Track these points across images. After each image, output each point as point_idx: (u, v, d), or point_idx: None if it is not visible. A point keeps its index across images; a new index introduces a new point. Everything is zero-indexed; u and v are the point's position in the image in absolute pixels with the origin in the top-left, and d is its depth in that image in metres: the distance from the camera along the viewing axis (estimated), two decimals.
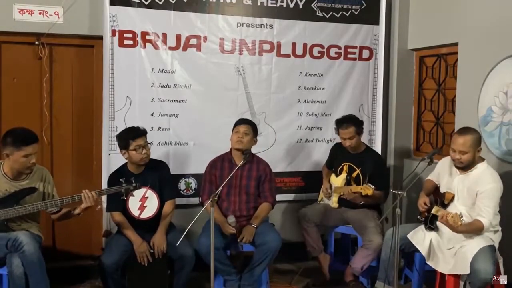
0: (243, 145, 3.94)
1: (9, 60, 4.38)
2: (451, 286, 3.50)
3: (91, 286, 4.25)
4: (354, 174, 4.32)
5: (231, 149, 4.08)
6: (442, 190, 3.73)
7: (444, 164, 3.72)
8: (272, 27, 4.71)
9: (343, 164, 4.39)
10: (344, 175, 4.35)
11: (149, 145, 3.85)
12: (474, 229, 3.38)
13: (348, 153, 4.37)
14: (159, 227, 3.82)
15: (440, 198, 3.67)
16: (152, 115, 4.50)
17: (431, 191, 3.86)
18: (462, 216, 3.28)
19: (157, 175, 3.90)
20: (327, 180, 4.50)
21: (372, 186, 4.04)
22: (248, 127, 4.00)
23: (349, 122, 4.26)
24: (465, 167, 3.53)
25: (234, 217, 3.86)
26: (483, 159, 3.55)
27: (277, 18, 4.71)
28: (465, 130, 3.55)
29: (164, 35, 4.44)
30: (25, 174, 3.50)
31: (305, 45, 4.81)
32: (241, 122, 4.06)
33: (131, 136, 3.77)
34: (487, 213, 3.36)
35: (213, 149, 4.26)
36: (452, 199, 3.58)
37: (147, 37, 4.41)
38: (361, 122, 4.36)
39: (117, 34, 4.32)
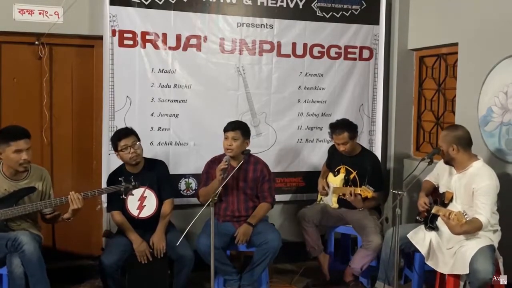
0: (233, 153, 3.92)
1: (9, 60, 4.39)
2: (451, 286, 3.49)
3: (91, 286, 4.25)
4: (351, 176, 4.32)
5: None
6: (441, 190, 3.74)
7: (443, 165, 3.72)
8: (272, 27, 4.71)
9: (340, 167, 4.40)
10: (342, 175, 4.35)
11: (138, 144, 3.82)
12: (473, 228, 3.36)
13: (344, 155, 4.36)
14: (158, 227, 3.82)
15: (440, 198, 3.67)
16: (152, 115, 4.50)
17: (430, 192, 3.86)
18: (466, 214, 3.27)
19: (155, 175, 3.90)
20: (324, 178, 4.50)
21: (371, 188, 4.03)
22: (236, 132, 3.92)
23: (343, 128, 4.24)
24: (449, 162, 3.58)
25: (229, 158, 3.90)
26: (477, 158, 3.55)
27: (277, 18, 4.71)
28: (450, 126, 3.74)
29: (164, 35, 4.45)
30: (23, 173, 3.49)
31: (305, 45, 4.81)
32: (228, 128, 3.96)
33: (117, 138, 3.81)
34: (484, 210, 3.35)
35: (213, 149, 4.26)
36: (452, 198, 3.59)
37: (147, 37, 4.41)
38: (355, 127, 4.33)
39: (117, 34, 4.32)
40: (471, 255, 3.29)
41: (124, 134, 3.81)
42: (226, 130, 3.97)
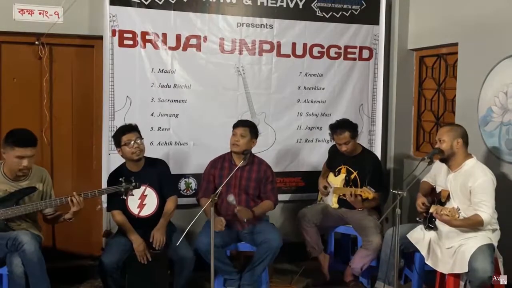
0: (239, 148, 3.94)
1: (9, 60, 4.39)
2: (451, 286, 3.49)
3: (91, 286, 4.25)
4: (352, 176, 4.32)
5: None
6: (438, 190, 3.73)
7: (439, 165, 3.72)
8: (272, 27, 4.71)
9: (340, 167, 4.40)
10: (343, 175, 4.35)
11: (141, 140, 3.82)
12: (473, 223, 3.36)
13: (345, 155, 4.36)
14: (160, 220, 3.82)
15: (437, 197, 3.67)
16: (152, 115, 4.50)
17: (428, 192, 3.86)
18: (459, 209, 3.27)
19: (156, 173, 3.90)
20: (324, 178, 4.50)
21: (372, 189, 4.03)
22: (245, 129, 3.97)
23: (344, 128, 4.24)
24: (447, 159, 3.56)
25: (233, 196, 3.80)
26: (471, 156, 3.55)
27: (277, 18, 4.71)
28: (450, 123, 3.76)
29: (164, 35, 4.45)
30: (23, 175, 3.49)
31: (305, 45, 4.81)
32: (239, 124, 4.04)
33: (121, 133, 3.82)
34: (485, 207, 3.34)
35: (213, 149, 4.27)
36: (449, 197, 3.59)
37: (147, 37, 4.41)
38: (356, 126, 4.33)
39: (117, 34, 4.32)
40: (470, 254, 3.30)
41: (129, 129, 3.83)
42: (235, 126, 4.02)
